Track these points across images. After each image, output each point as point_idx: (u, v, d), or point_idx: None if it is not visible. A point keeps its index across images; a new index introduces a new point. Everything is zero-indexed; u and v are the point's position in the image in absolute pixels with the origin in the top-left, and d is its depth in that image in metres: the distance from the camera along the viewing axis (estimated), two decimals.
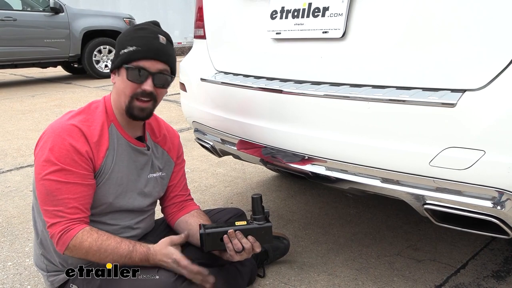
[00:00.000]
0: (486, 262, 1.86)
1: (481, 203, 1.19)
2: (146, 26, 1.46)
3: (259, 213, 1.45)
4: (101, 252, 1.33)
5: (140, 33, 1.42)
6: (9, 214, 2.49)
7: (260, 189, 2.78)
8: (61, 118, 1.43)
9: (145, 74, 1.40)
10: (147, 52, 1.39)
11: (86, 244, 1.32)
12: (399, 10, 1.34)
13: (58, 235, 1.32)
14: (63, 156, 1.32)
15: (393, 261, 1.90)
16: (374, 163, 1.36)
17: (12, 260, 2.00)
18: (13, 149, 3.81)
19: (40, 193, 1.35)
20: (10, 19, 7.34)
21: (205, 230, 1.42)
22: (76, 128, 1.36)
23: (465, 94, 1.17)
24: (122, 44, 1.42)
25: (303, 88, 1.51)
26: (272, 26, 1.68)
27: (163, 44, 1.43)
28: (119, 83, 1.43)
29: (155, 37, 1.42)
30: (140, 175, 1.53)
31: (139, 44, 1.39)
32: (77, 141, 1.35)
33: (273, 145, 1.68)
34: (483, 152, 1.14)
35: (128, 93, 1.41)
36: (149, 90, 1.41)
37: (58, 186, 1.32)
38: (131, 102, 1.42)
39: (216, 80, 1.89)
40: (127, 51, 1.39)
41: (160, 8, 13.54)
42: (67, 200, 1.32)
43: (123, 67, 1.40)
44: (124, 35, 1.45)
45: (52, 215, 1.33)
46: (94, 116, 1.43)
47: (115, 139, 1.45)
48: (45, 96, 6.59)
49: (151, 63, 1.40)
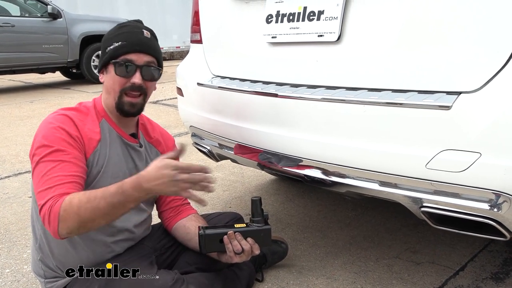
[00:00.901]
0: (484, 264, 1.86)
1: (478, 205, 1.19)
2: (128, 23, 1.51)
3: (258, 215, 1.46)
4: (91, 200, 1.23)
5: (124, 29, 1.46)
6: (7, 220, 2.48)
7: (258, 193, 2.77)
8: (54, 112, 1.44)
9: (133, 67, 1.41)
10: (132, 45, 1.42)
11: (75, 201, 1.23)
12: (394, 14, 1.34)
13: (48, 211, 1.24)
14: (57, 138, 1.33)
15: (392, 264, 1.89)
16: (371, 166, 1.36)
17: (10, 267, 1.99)
18: (11, 155, 3.80)
19: (35, 178, 1.31)
20: (8, 25, 7.34)
21: (204, 231, 1.41)
22: (67, 117, 1.38)
23: (460, 97, 1.17)
24: (107, 42, 1.45)
25: (299, 92, 1.51)
26: (267, 30, 1.68)
27: (148, 38, 1.46)
28: (108, 80, 1.44)
29: (139, 31, 1.46)
30: (135, 171, 1.50)
31: (124, 39, 1.42)
32: (68, 126, 1.36)
33: (270, 149, 1.68)
34: (479, 155, 1.14)
35: (117, 88, 1.42)
36: (138, 83, 1.42)
37: (53, 165, 1.30)
38: (120, 97, 1.43)
39: (212, 85, 1.89)
40: (113, 47, 1.42)
41: (158, 13, 13.55)
42: (60, 177, 1.29)
43: (111, 63, 1.42)
44: (108, 34, 1.49)
45: (45, 194, 1.26)
46: (84, 113, 1.45)
47: (107, 134, 1.46)
48: (43, 101, 6.59)
49: (137, 56, 1.42)
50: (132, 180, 1.24)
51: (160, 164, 1.23)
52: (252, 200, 1.46)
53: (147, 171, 1.25)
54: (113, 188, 1.25)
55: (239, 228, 1.44)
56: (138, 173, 1.36)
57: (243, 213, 2.40)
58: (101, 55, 1.46)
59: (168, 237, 1.65)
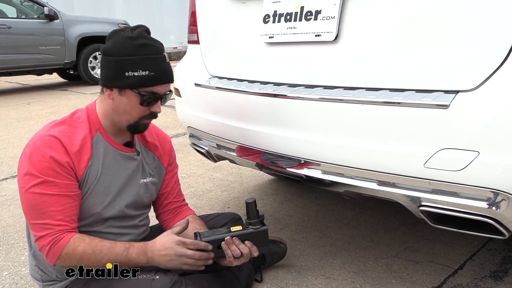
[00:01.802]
0: (483, 263, 1.86)
1: (477, 204, 1.19)
2: (147, 41, 1.37)
3: (254, 217, 1.45)
4: (96, 254, 1.31)
5: (146, 52, 1.35)
6: (5, 223, 2.47)
7: (257, 193, 2.77)
8: (42, 129, 1.40)
9: (157, 97, 1.39)
10: (162, 78, 1.38)
11: (79, 249, 1.30)
12: (392, 13, 1.34)
13: (48, 247, 1.29)
14: (44, 168, 1.30)
15: (391, 263, 1.89)
16: (369, 165, 1.36)
17: (8, 269, 1.99)
18: (8, 157, 3.79)
19: (25, 207, 1.33)
20: (5, 27, 7.32)
21: (201, 239, 1.40)
22: (55, 138, 1.33)
23: (458, 95, 1.17)
24: (127, 64, 1.33)
25: (297, 92, 1.51)
26: (265, 30, 1.68)
27: (169, 63, 1.42)
28: (123, 104, 1.38)
29: (163, 57, 1.39)
30: (132, 181, 1.51)
31: (151, 68, 1.35)
32: (56, 152, 1.32)
33: (267, 149, 1.67)
34: (477, 153, 1.14)
35: (136, 116, 1.40)
36: (159, 111, 1.42)
37: (43, 199, 1.30)
38: (138, 122, 1.42)
39: (210, 85, 1.88)
40: (138, 76, 1.34)
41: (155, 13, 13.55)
42: (53, 212, 1.30)
43: (133, 91, 1.35)
44: (125, 51, 1.34)
45: (40, 228, 1.31)
46: (76, 127, 1.40)
47: (101, 149, 1.43)
48: (40, 103, 6.58)
49: (163, 87, 1.40)
50: (139, 247, 1.35)
51: (168, 238, 1.35)
52: (246, 202, 1.45)
53: (155, 242, 1.37)
54: (119, 249, 1.34)
55: (236, 232, 1.43)
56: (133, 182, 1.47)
57: (242, 213, 2.39)
58: (115, 72, 1.34)
59: None
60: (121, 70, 1.34)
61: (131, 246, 1.34)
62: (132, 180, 1.51)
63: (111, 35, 1.40)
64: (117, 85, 1.36)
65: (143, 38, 1.37)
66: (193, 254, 1.35)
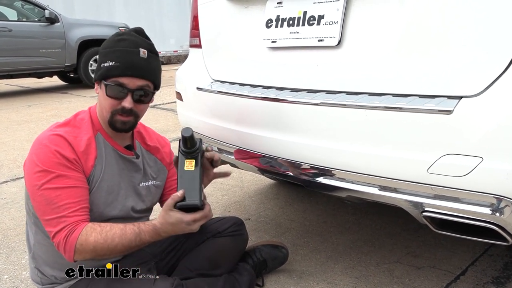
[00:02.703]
0: (485, 268, 1.86)
1: (480, 210, 1.19)
2: (127, 36, 1.41)
3: (196, 144, 1.39)
4: (108, 242, 1.30)
5: (120, 46, 1.38)
6: (5, 226, 2.46)
7: (258, 197, 2.77)
8: (46, 129, 1.41)
9: (124, 91, 1.38)
10: (125, 69, 1.36)
11: (91, 239, 1.29)
12: (395, 18, 1.34)
13: (64, 241, 1.29)
14: (55, 163, 1.31)
15: (393, 269, 1.89)
16: (372, 171, 1.36)
17: (8, 273, 1.98)
18: (9, 160, 3.79)
19: (39, 204, 1.32)
20: (5, 30, 7.34)
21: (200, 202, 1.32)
22: (61, 137, 1.34)
23: (461, 101, 1.17)
24: (103, 56, 1.39)
25: (299, 97, 1.51)
26: (267, 35, 1.68)
27: (144, 58, 1.39)
28: (101, 97, 1.42)
29: (135, 51, 1.38)
30: (131, 183, 1.51)
31: (117, 59, 1.36)
32: (64, 150, 1.33)
33: (270, 154, 1.67)
34: (481, 159, 1.13)
35: (108, 109, 1.40)
36: (128, 107, 1.38)
37: (58, 193, 1.30)
38: (112, 117, 1.41)
39: (212, 89, 1.88)
40: (106, 66, 1.37)
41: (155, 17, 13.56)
42: (68, 205, 1.30)
43: (102, 82, 1.39)
44: (106, 45, 1.42)
45: (55, 223, 1.30)
46: (80, 127, 1.42)
47: (102, 148, 1.44)
48: (41, 106, 6.58)
49: (130, 80, 1.37)
50: (150, 230, 1.34)
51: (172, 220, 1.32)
52: (186, 136, 1.34)
53: (161, 223, 1.34)
54: (130, 234, 1.33)
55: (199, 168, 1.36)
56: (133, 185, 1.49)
57: (243, 217, 2.40)
58: (97, 66, 1.42)
59: (167, 242, 1.64)
60: (99, 62, 1.40)
61: (141, 232, 1.33)
62: (133, 182, 1.52)
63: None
64: (96, 78, 1.42)
65: (125, 35, 1.41)
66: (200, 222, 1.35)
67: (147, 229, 1.34)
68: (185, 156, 1.38)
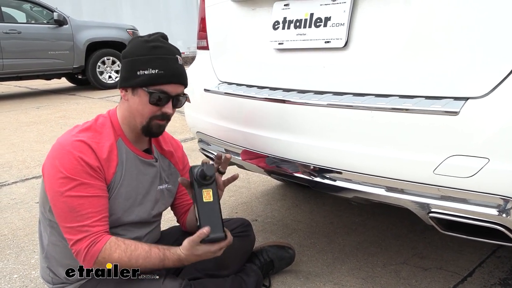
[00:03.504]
0: (493, 270, 1.85)
1: (486, 211, 1.19)
2: (160, 44, 1.42)
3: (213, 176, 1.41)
4: (132, 262, 1.33)
5: (158, 53, 1.39)
6: (15, 226, 2.49)
7: (264, 198, 2.78)
8: (69, 133, 1.40)
9: (167, 97, 1.40)
10: (171, 77, 1.39)
11: (115, 255, 1.31)
12: (401, 20, 1.34)
13: (84, 251, 1.30)
14: (79, 171, 1.31)
15: (399, 270, 1.89)
16: (378, 171, 1.36)
17: (18, 272, 2.00)
18: (18, 161, 3.83)
19: (61, 211, 1.32)
20: (14, 32, 7.41)
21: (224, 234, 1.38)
22: (85, 144, 1.34)
23: (468, 102, 1.17)
24: (139, 63, 1.38)
25: (306, 98, 1.52)
26: (274, 37, 1.69)
27: (181, 65, 1.44)
28: (135, 104, 1.41)
29: (175, 58, 1.41)
30: (150, 188, 1.53)
31: (161, 67, 1.37)
32: (88, 157, 1.33)
33: (277, 155, 1.68)
34: (487, 160, 1.13)
35: (147, 115, 1.41)
36: (171, 113, 1.43)
37: (81, 201, 1.31)
38: (149, 122, 1.42)
39: (219, 91, 1.90)
40: (148, 74, 1.37)
41: (162, 19, 13.65)
42: (91, 214, 1.32)
43: (143, 90, 1.38)
44: (138, 52, 1.39)
45: (76, 231, 1.31)
46: (102, 133, 1.42)
47: (123, 154, 1.44)
48: (49, 107, 6.63)
49: (173, 87, 1.40)
50: (175, 259, 1.37)
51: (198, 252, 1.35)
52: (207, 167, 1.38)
53: (187, 254, 1.35)
54: (155, 259, 1.36)
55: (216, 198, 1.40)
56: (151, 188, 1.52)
57: (250, 218, 2.41)
58: (128, 73, 1.39)
59: (176, 242, 1.65)
60: (133, 69, 1.38)
61: (166, 259, 1.36)
62: (152, 186, 1.54)
63: (130, 41, 1.46)
64: (130, 84, 1.40)
65: (156, 41, 1.41)
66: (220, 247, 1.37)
67: (172, 258, 1.36)
68: (202, 186, 1.40)
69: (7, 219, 2.59)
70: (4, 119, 5.81)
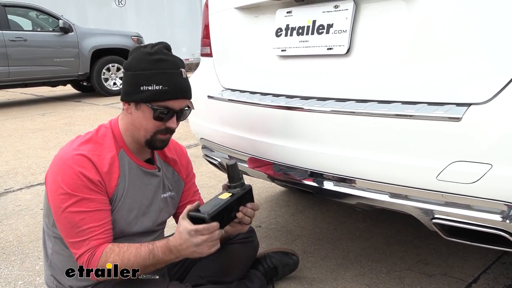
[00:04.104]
0: (498, 276, 1.84)
1: (490, 217, 1.19)
2: (164, 57, 1.38)
3: (237, 179, 1.43)
4: (125, 263, 1.33)
5: (162, 67, 1.36)
6: (20, 232, 2.51)
7: (268, 204, 2.78)
8: (69, 146, 1.40)
9: (171, 113, 1.39)
10: (175, 92, 1.37)
11: (110, 260, 1.32)
12: (403, 26, 1.35)
13: (86, 264, 1.33)
14: (79, 186, 1.32)
15: (404, 276, 1.88)
16: (382, 178, 1.36)
17: (22, 279, 2.01)
18: (23, 167, 3.85)
19: (64, 227, 1.34)
20: (20, 39, 7.49)
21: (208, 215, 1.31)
22: (85, 158, 1.34)
23: (470, 108, 1.17)
24: (143, 78, 1.35)
25: (309, 104, 1.53)
26: (277, 44, 1.70)
27: (186, 79, 1.42)
28: (139, 118, 1.39)
29: (179, 72, 1.39)
30: (154, 197, 1.53)
31: (165, 83, 1.35)
32: (88, 171, 1.33)
33: (280, 161, 1.68)
34: (490, 166, 1.13)
35: (151, 130, 1.40)
36: (175, 127, 1.42)
37: (82, 216, 1.32)
38: (153, 136, 1.42)
39: (223, 97, 1.91)
40: (152, 90, 1.34)
41: (167, 26, 13.72)
42: (92, 228, 1.33)
43: (147, 106, 1.36)
44: (142, 67, 1.35)
45: (78, 246, 1.33)
46: (103, 145, 1.41)
47: (126, 165, 1.44)
48: (55, 114, 6.68)
49: (177, 102, 1.39)
50: (162, 245, 1.33)
51: (180, 229, 1.30)
52: (228, 165, 1.42)
53: (174, 237, 1.32)
54: (144, 253, 1.33)
55: (233, 198, 1.40)
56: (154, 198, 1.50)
57: (254, 224, 2.41)
58: (132, 87, 1.37)
59: None
60: (136, 84, 1.36)
61: (155, 248, 1.33)
62: (155, 196, 1.53)
63: (132, 51, 1.42)
64: (133, 99, 1.38)
65: (160, 54, 1.38)
66: (209, 237, 1.28)
67: (160, 244, 1.33)
68: (226, 189, 1.44)
69: (12, 226, 2.61)
70: (10, 126, 5.86)
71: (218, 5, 2.02)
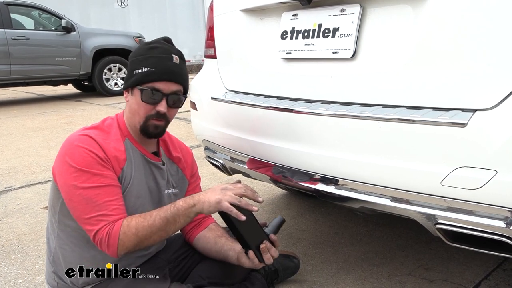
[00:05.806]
0: (499, 283, 1.84)
1: (494, 223, 1.18)
2: (158, 44, 1.47)
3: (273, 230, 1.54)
4: (147, 218, 1.33)
5: (154, 53, 1.43)
6: (20, 231, 2.50)
7: (269, 207, 2.77)
8: (74, 133, 1.43)
9: (159, 95, 1.41)
10: (161, 74, 1.41)
11: (132, 223, 1.32)
12: (409, 31, 1.35)
13: (106, 237, 1.31)
14: (90, 162, 1.33)
15: (405, 281, 1.88)
16: (385, 182, 1.36)
17: (22, 277, 2.01)
18: (24, 166, 3.84)
19: (78, 204, 1.33)
20: (23, 38, 7.50)
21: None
22: (91, 139, 1.37)
23: (475, 114, 1.17)
24: (136, 63, 1.43)
25: (313, 108, 1.53)
26: (282, 46, 1.70)
27: (177, 64, 1.45)
28: (133, 103, 1.45)
29: (169, 57, 1.43)
30: (158, 189, 1.54)
31: (153, 65, 1.40)
32: (96, 150, 1.35)
33: (283, 164, 1.68)
34: (495, 172, 1.13)
35: (143, 114, 1.43)
36: (163, 111, 1.43)
37: (97, 191, 1.32)
38: (145, 122, 1.44)
39: (226, 99, 1.91)
40: (141, 72, 1.41)
41: (169, 27, 13.74)
42: (108, 202, 1.33)
43: (137, 88, 1.42)
44: (137, 53, 1.46)
45: (96, 221, 1.32)
46: (109, 133, 1.44)
47: (131, 153, 1.46)
48: (56, 113, 6.68)
49: (165, 84, 1.42)
50: (183, 198, 1.38)
51: (213, 187, 1.38)
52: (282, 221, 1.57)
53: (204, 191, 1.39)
54: (166, 206, 1.38)
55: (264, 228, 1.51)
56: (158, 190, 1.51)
57: None
58: (128, 74, 1.46)
59: (182, 249, 1.66)
60: (131, 70, 1.44)
61: (176, 201, 1.38)
62: (159, 187, 1.54)
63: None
64: (128, 85, 1.45)
65: (156, 43, 1.47)
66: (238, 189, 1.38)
67: (181, 198, 1.40)
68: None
69: (12, 224, 2.60)
70: (11, 125, 5.85)
71: (223, 7, 2.02)
